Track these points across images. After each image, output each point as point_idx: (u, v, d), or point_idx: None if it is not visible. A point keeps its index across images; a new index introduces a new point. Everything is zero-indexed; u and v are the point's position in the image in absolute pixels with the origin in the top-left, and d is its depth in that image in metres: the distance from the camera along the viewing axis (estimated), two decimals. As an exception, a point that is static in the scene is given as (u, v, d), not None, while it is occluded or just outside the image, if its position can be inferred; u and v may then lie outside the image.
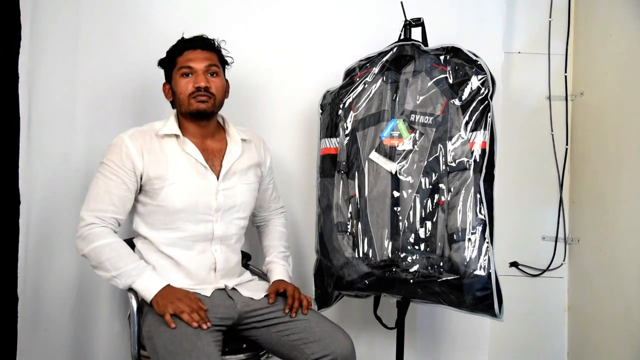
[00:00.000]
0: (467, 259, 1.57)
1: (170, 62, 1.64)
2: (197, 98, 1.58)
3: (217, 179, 1.60)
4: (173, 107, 1.69)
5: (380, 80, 1.73)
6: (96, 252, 1.48)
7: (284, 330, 1.54)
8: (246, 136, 1.71)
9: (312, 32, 2.13)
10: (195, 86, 1.58)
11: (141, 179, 1.55)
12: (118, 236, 1.54)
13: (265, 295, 1.63)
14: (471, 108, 1.63)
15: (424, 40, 1.80)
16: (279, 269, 1.72)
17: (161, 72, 1.71)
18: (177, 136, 1.60)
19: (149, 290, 1.47)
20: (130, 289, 1.50)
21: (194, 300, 1.47)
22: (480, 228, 1.59)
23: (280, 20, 2.13)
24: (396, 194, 1.65)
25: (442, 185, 1.63)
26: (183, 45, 1.62)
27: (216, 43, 1.66)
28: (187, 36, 1.65)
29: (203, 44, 1.63)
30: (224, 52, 1.69)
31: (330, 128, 1.79)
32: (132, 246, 1.66)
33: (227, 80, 1.70)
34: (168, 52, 1.65)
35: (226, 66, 1.71)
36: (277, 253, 1.78)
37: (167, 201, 1.54)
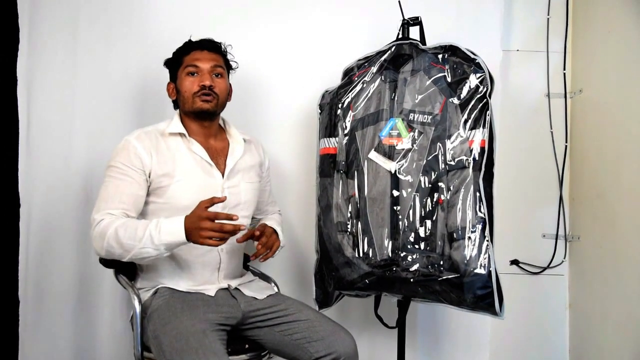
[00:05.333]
0: (468, 258, 1.57)
1: (176, 62, 1.67)
2: (201, 97, 1.60)
3: (222, 177, 1.62)
4: (175, 108, 1.71)
5: (378, 80, 1.73)
6: (114, 239, 1.41)
7: (287, 329, 1.54)
8: (247, 137, 1.74)
9: (310, 32, 2.14)
10: (200, 85, 1.60)
11: (149, 176, 1.55)
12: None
13: (269, 296, 1.64)
14: (470, 106, 1.63)
15: (422, 39, 1.80)
16: (271, 221, 1.74)
17: (161, 74, 1.72)
18: (182, 135, 1.62)
19: (177, 236, 1.39)
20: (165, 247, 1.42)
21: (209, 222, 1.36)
22: (480, 226, 1.58)
23: (278, 21, 2.13)
24: (396, 193, 1.65)
25: (441, 184, 1.63)
26: (191, 46, 1.66)
27: (223, 47, 1.70)
28: (192, 38, 1.68)
29: (210, 45, 1.66)
30: (229, 57, 1.72)
31: (329, 128, 1.79)
32: None
33: (230, 84, 1.72)
34: (175, 52, 1.68)
35: (230, 71, 1.74)
36: (272, 215, 1.86)
37: (174, 198, 1.55)
